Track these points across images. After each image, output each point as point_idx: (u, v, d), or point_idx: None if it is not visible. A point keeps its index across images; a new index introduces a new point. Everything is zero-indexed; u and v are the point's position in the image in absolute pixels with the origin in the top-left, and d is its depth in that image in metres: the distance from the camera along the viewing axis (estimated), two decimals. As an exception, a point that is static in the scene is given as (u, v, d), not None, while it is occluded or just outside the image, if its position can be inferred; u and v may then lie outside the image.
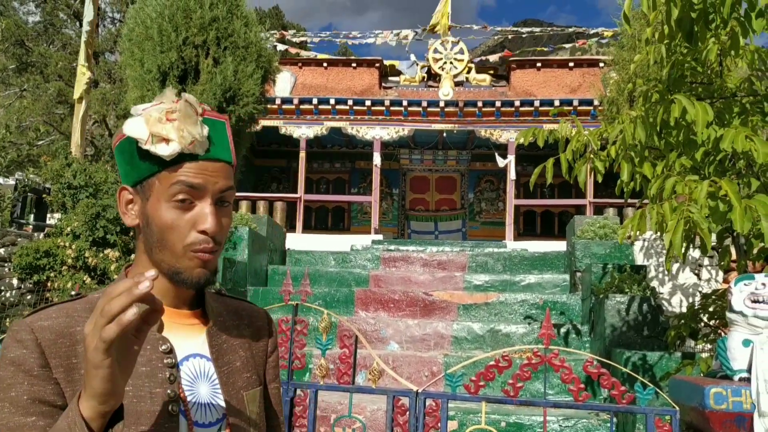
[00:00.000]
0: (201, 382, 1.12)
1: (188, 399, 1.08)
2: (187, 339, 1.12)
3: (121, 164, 1.11)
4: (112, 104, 18.91)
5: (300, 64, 15.83)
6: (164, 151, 1.04)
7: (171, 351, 1.08)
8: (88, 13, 10.46)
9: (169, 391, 1.05)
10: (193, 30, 9.13)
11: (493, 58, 17.41)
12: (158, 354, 1.06)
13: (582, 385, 3.17)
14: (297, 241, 11.53)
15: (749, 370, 3.05)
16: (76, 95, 10.49)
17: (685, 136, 3.62)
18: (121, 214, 1.13)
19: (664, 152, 3.77)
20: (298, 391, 3.55)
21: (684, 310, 8.90)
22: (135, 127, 1.05)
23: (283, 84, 14.89)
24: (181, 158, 1.06)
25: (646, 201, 4.19)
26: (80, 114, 10.35)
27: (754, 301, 3.12)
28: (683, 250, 3.20)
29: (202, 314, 1.18)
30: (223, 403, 1.13)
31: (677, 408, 3.03)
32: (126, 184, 1.11)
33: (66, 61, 19.36)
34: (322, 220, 17.09)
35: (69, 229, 6.64)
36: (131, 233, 6.95)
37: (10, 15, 20.82)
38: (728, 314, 3.20)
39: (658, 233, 3.53)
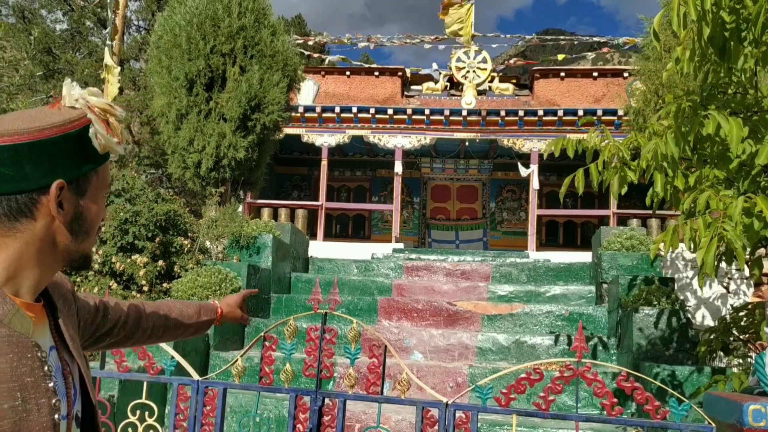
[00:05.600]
0: (59, 375, 1.11)
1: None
2: (43, 333, 1.11)
3: (61, 157, 1.07)
4: (136, 111, 19.12)
5: (323, 73, 15.90)
6: (118, 147, 1.13)
7: (46, 359, 1.06)
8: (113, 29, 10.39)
9: (53, 401, 1.04)
10: (221, 38, 9.22)
11: (515, 62, 17.37)
12: (38, 363, 1.04)
13: (615, 400, 3.12)
14: (318, 248, 11.55)
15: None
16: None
17: (719, 151, 3.57)
18: (53, 209, 1.07)
19: (697, 166, 3.72)
20: (326, 401, 3.54)
21: (710, 322, 8.78)
22: (97, 124, 1.09)
23: (306, 92, 14.97)
24: (106, 156, 1.14)
25: (675, 213, 4.15)
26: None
27: (793, 317, 3.06)
28: (715, 268, 3.15)
29: (42, 304, 1.16)
30: (70, 393, 1.13)
31: (713, 424, 2.97)
32: (64, 179, 1.07)
33: (92, 68, 19.62)
34: (343, 228, 17.12)
35: (96, 234, 6.70)
36: (158, 239, 7.00)
37: (38, 23, 21.16)
38: (766, 329, 3.15)
39: (690, 248, 3.48)
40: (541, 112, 14.16)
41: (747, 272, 7.87)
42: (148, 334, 1.59)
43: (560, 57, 17.12)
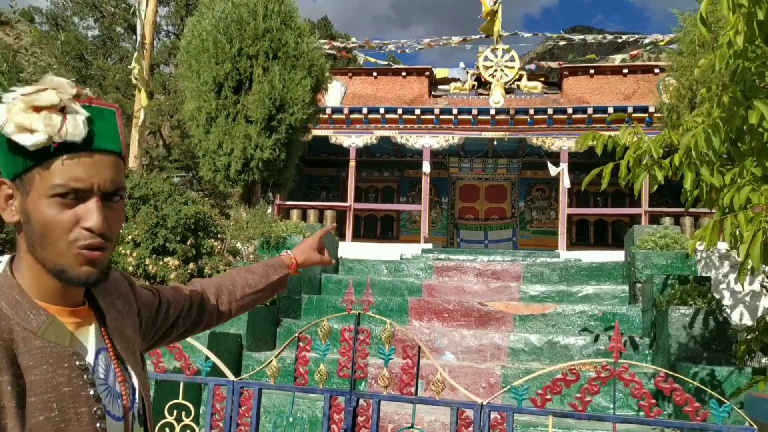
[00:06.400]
0: (111, 376, 1.09)
1: (105, 396, 1.06)
2: (89, 337, 1.09)
3: None
4: (166, 115, 19.40)
5: (350, 74, 15.95)
6: (27, 141, 0.97)
7: (87, 367, 1.04)
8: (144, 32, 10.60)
9: (95, 409, 1.02)
10: (247, 41, 9.30)
11: (548, 64, 17.21)
12: (77, 371, 1.02)
13: (653, 401, 3.08)
14: (347, 249, 11.58)
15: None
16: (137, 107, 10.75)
17: (760, 143, 3.50)
18: (0, 210, 1.04)
19: (737, 160, 3.65)
20: (361, 401, 3.55)
21: (746, 321, 8.60)
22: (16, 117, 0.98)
23: (334, 94, 15.03)
24: (60, 150, 0.99)
25: (709, 211, 4.06)
26: (139, 126, 10.63)
27: (838, 316, 2.98)
28: (761, 261, 3.08)
29: (89, 306, 1.14)
30: (126, 392, 1.11)
31: (755, 426, 2.91)
32: (5, 177, 1.03)
33: (123, 74, 19.93)
34: (371, 229, 17.14)
35: (130, 237, 6.81)
36: (189, 242, 7.08)
37: (70, 30, 21.57)
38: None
39: (731, 244, 3.41)
40: (570, 110, 14.01)
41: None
42: (217, 315, 1.51)
43: (590, 56, 16.96)
